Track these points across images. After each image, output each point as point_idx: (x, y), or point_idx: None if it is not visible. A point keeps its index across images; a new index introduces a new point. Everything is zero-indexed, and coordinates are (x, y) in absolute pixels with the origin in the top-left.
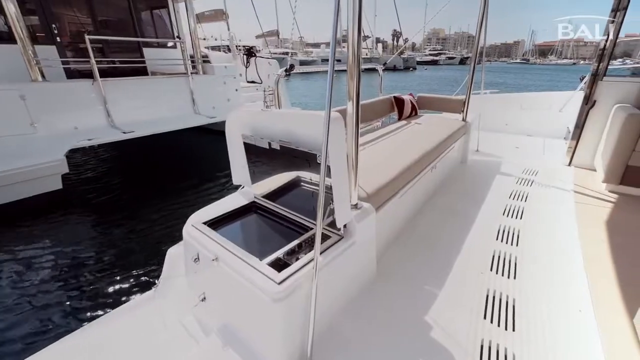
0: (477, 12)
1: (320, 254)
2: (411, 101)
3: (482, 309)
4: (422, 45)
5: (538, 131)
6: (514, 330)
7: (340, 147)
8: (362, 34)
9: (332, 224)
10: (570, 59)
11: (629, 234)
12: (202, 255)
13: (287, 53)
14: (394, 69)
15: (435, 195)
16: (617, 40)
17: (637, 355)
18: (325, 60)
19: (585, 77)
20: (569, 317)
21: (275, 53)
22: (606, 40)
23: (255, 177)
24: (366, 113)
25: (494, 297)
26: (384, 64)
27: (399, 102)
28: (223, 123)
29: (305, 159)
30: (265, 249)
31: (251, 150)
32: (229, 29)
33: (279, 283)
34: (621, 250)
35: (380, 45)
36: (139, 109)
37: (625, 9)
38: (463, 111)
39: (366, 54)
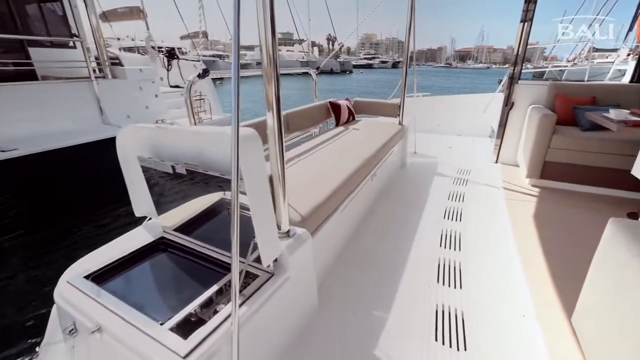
0: (404, 20)
1: (246, 300)
2: (348, 106)
3: (433, 329)
4: (356, 49)
5: (466, 131)
6: (465, 349)
7: (259, 168)
8: (298, 37)
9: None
10: (485, 63)
11: (554, 227)
12: (80, 324)
13: (219, 56)
14: (330, 72)
15: (377, 204)
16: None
17: (579, 356)
18: (260, 64)
19: (502, 80)
20: (515, 324)
21: (205, 55)
22: (518, 47)
23: (163, 205)
24: (301, 120)
25: (443, 313)
26: (317, 68)
27: (335, 108)
28: None
29: (219, 185)
30: (172, 304)
31: (153, 173)
32: (147, 29)
33: (185, 357)
34: (551, 245)
35: (316, 49)
36: (26, 121)
37: (531, 20)
38: (399, 115)
39: (303, 57)
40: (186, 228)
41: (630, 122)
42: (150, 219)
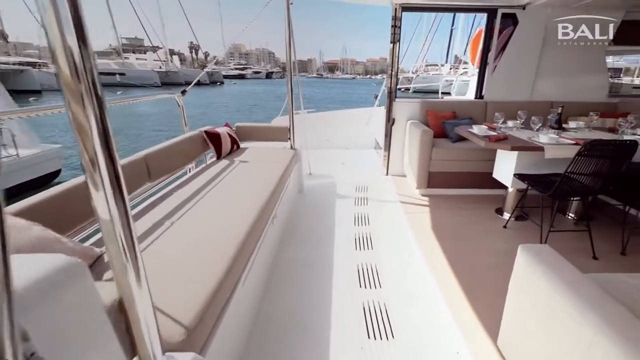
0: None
1: None
2: (230, 134)
3: None
4: (225, 59)
5: (354, 144)
6: None
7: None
8: (150, 44)
9: None
10: (350, 74)
11: (452, 236)
12: None
13: (34, 64)
14: (198, 83)
15: (283, 247)
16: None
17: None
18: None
19: (378, 95)
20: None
21: (7, 63)
22: (392, 65)
23: None
24: (169, 160)
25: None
26: (184, 92)
27: (214, 138)
28: None
29: None
30: None
31: None
32: None
33: None
34: (456, 255)
35: (176, 57)
36: None
37: (399, 41)
38: (290, 138)
39: (160, 67)
40: None
41: (493, 138)
42: None
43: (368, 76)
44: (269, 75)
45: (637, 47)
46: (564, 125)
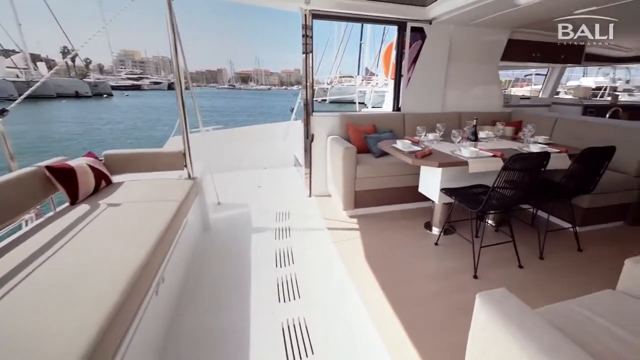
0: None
1: None
2: (92, 166)
3: None
4: (114, 67)
5: (271, 162)
6: None
7: None
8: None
9: None
10: (266, 85)
11: (384, 263)
12: None
13: None
14: (76, 95)
15: (182, 310)
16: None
17: None
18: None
19: (294, 108)
20: None
21: None
22: (306, 76)
23: None
24: None
25: None
26: (3, 111)
27: (62, 176)
28: None
29: None
30: None
31: None
32: None
33: None
34: (391, 289)
35: (43, 64)
36: None
37: (312, 52)
38: (186, 165)
39: (17, 76)
40: None
41: (419, 154)
42: None
43: (284, 87)
44: (171, 86)
45: (519, 62)
46: None
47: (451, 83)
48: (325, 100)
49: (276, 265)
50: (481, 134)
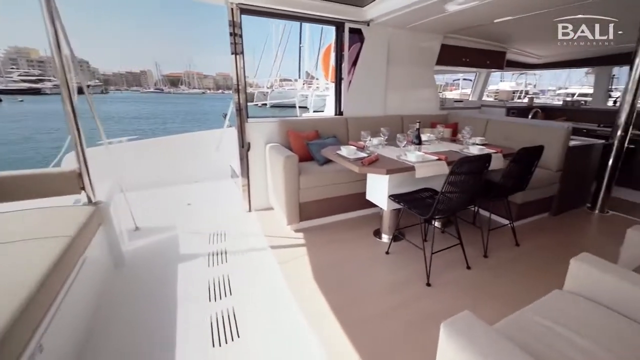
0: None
1: None
2: None
3: None
4: (0, 68)
5: (203, 175)
6: None
7: None
8: None
9: None
10: (199, 88)
11: (335, 281)
12: None
13: None
14: None
15: None
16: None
17: None
18: None
19: (227, 114)
20: None
21: None
22: (237, 78)
23: None
24: None
25: None
26: None
27: None
28: None
29: None
30: None
31: None
32: None
33: None
34: (344, 314)
35: None
36: None
37: (242, 52)
38: (83, 188)
39: None
40: None
41: (366, 161)
42: None
43: (220, 91)
44: (81, 90)
45: (451, 67)
46: None
47: (392, 86)
48: (266, 104)
49: (210, 300)
50: (423, 137)
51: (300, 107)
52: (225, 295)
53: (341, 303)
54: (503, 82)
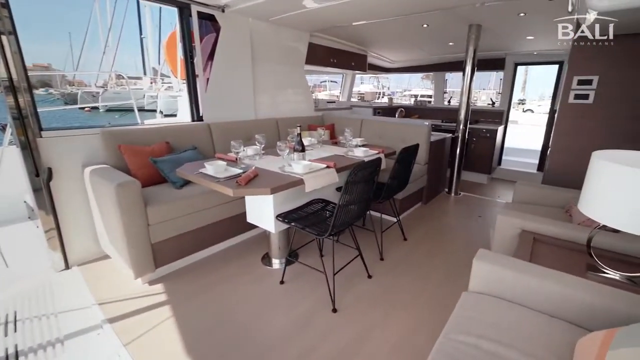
0: None
1: None
2: None
3: None
4: None
5: None
6: None
7: None
8: None
9: None
10: None
11: (213, 332)
12: None
13: None
14: None
15: None
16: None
17: None
18: None
19: (6, 125)
20: None
21: None
22: (8, 75)
23: None
24: None
25: None
26: None
27: None
28: None
29: None
30: None
31: None
32: None
33: None
34: None
35: None
36: None
37: (13, 32)
38: None
39: None
40: None
41: (242, 180)
42: None
43: None
44: None
45: (319, 67)
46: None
47: (261, 86)
48: (97, 108)
49: None
50: (305, 141)
51: (148, 110)
52: None
53: None
54: (363, 84)
